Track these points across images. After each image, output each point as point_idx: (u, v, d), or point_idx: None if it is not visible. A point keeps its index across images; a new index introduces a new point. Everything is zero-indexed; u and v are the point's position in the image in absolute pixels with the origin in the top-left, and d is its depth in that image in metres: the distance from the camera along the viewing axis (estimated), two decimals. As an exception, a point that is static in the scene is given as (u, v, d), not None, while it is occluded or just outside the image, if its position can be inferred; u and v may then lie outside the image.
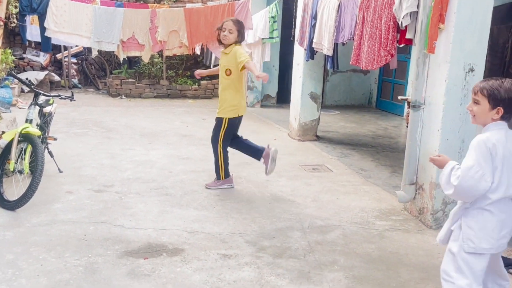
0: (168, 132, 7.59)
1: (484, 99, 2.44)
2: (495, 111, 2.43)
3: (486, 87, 2.44)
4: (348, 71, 11.11)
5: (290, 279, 3.18)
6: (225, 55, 4.80)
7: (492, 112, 2.44)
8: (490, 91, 2.42)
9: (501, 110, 2.42)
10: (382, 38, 4.90)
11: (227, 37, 4.72)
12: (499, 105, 2.42)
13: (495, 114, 2.44)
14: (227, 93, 4.82)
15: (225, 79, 4.81)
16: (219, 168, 4.93)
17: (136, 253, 3.46)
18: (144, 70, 11.65)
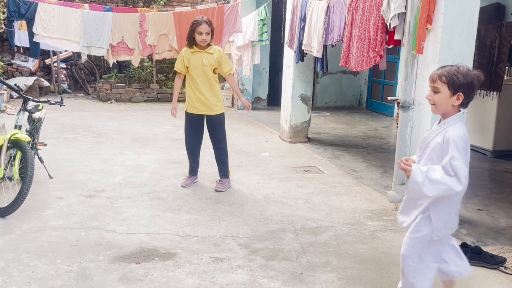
0: (159, 136, 7.57)
1: (444, 85, 2.42)
2: (455, 97, 2.42)
3: (444, 73, 2.43)
4: (338, 73, 11.17)
5: (283, 281, 3.19)
6: (210, 54, 4.85)
7: (452, 99, 2.42)
8: (449, 77, 2.41)
9: (461, 95, 2.41)
10: (371, 40, 4.93)
11: (205, 41, 4.78)
12: (459, 90, 2.40)
13: (456, 101, 2.42)
14: (215, 91, 4.94)
15: (211, 77, 4.88)
16: (228, 165, 5.12)
17: (128, 258, 3.44)
18: (134, 74, 11.62)
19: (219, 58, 4.86)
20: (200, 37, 4.75)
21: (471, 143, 6.83)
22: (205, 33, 4.74)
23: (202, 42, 4.77)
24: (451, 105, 2.45)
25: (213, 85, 4.91)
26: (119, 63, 11.83)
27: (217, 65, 4.89)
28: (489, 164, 6.43)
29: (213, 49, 4.88)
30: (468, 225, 4.30)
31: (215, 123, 5.01)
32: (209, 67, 4.84)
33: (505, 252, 3.70)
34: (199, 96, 4.88)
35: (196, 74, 4.86)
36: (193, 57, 4.85)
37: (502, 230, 4.21)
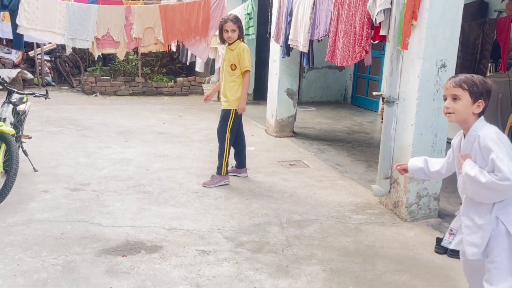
0: (145, 129, 7.55)
1: (466, 93, 2.35)
2: (476, 105, 2.36)
3: (465, 80, 2.37)
4: (323, 68, 11.21)
5: (269, 274, 3.22)
6: (231, 51, 4.96)
7: (473, 107, 2.36)
8: (471, 85, 2.35)
9: (482, 103, 2.36)
10: (356, 35, 4.97)
11: (232, 38, 4.91)
12: (480, 98, 2.35)
13: (476, 108, 2.36)
14: (232, 86, 4.99)
15: (229, 74, 4.99)
16: (223, 162, 5.01)
17: (114, 251, 3.45)
18: (119, 67, 11.54)
19: (238, 54, 4.91)
20: (226, 34, 4.91)
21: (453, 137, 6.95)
22: (231, 30, 4.87)
23: (228, 40, 4.94)
24: (471, 113, 2.39)
25: (228, 81, 5.00)
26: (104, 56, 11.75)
27: (238, 62, 4.93)
28: (471, 159, 6.52)
29: (236, 46, 4.95)
30: (451, 218, 4.35)
31: (221, 116, 5.09)
32: (227, 62, 4.98)
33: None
34: (221, 88, 5.12)
35: (222, 68, 5.12)
36: (223, 53, 5.14)
37: (483, 224, 4.29)
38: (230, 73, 4.98)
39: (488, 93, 2.38)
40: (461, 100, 2.38)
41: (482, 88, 2.36)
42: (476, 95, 2.36)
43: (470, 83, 2.36)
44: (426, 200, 4.31)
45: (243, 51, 4.92)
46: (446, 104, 2.43)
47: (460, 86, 2.37)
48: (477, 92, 2.36)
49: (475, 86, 2.36)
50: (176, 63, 12.34)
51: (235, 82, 4.99)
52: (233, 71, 4.97)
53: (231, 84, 5.00)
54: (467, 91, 2.36)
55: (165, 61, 12.22)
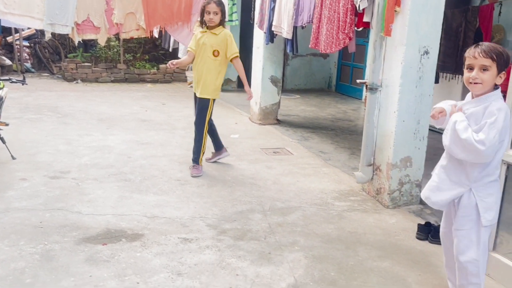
0: (127, 117, 7.45)
1: (494, 64, 2.34)
2: (499, 76, 2.37)
3: (495, 51, 2.35)
4: (308, 55, 11.18)
5: (251, 261, 3.21)
6: (214, 35, 4.76)
7: (497, 77, 2.37)
8: (499, 56, 2.34)
9: (505, 74, 2.36)
10: (340, 21, 4.94)
11: (213, 20, 4.71)
12: (504, 69, 2.36)
13: (499, 79, 2.37)
14: (212, 74, 4.80)
15: (210, 60, 4.78)
16: (201, 153, 4.90)
17: (95, 239, 3.40)
18: (100, 53, 11.35)
19: (224, 40, 4.74)
20: (208, 16, 4.70)
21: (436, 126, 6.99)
22: (213, 12, 4.68)
23: (210, 22, 4.72)
24: (493, 85, 2.40)
25: (208, 67, 4.78)
26: (85, 42, 11.54)
27: (223, 48, 4.76)
28: (453, 146, 6.57)
29: (219, 31, 4.77)
30: (432, 205, 4.41)
31: (198, 106, 4.88)
32: (208, 47, 4.74)
33: (466, 230, 3.81)
34: (195, 74, 4.88)
35: (198, 53, 4.82)
36: (201, 37, 4.82)
37: (464, 210, 4.33)
38: (212, 59, 4.77)
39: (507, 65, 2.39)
40: (489, 71, 2.36)
41: (507, 59, 2.37)
42: (501, 67, 2.36)
43: (498, 54, 2.35)
44: (408, 187, 4.33)
45: (230, 37, 4.78)
46: (474, 74, 2.39)
47: (490, 57, 2.35)
48: (503, 63, 2.36)
49: (502, 57, 2.35)
50: (159, 50, 12.18)
51: (216, 70, 4.80)
52: (215, 57, 4.77)
53: (212, 71, 4.78)
54: (495, 62, 2.35)
55: (148, 47, 12.05)
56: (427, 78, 4.16)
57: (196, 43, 4.83)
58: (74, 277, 2.89)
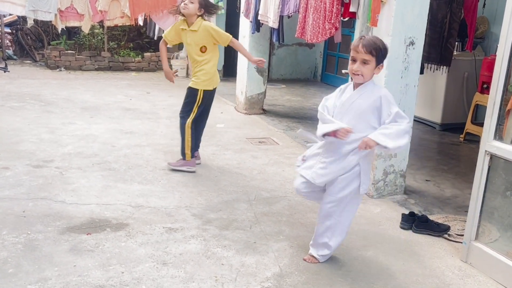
0: (111, 105, 7.37)
1: (373, 59, 2.67)
2: (377, 68, 2.71)
3: (373, 46, 2.66)
4: (293, 45, 11.14)
5: (236, 250, 3.21)
6: (193, 32, 4.46)
7: (376, 69, 2.72)
8: (376, 49, 2.66)
9: (382, 66, 2.71)
10: (326, 11, 4.93)
11: (187, 7, 4.36)
12: (382, 61, 2.69)
13: (377, 70, 2.71)
14: (204, 68, 4.57)
15: (199, 56, 4.54)
16: (185, 146, 4.63)
17: (79, 229, 3.37)
18: (84, 41, 11.18)
19: (207, 34, 4.46)
20: (182, 3, 4.40)
21: (421, 116, 7.06)
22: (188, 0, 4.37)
23: (183, 9, 4.38)
24: (372, 76, 2.76)
25: (199, 63, 4.55)
26: (68, 29, 11.34)
27: (209, 42, 4.49)
28: (437, 137, 6.65)
29: (198, 25, 4.45)
30: (416, 195, 4.46)
31: (187, 95, 4.69)
32: (194, 46, 4.51)
33: (449, 220, 3.87)
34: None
35: (188, 50, 4.64)
36: (183, 34, 4.56)
37: (447, 200, 4.39)
38: (200, 56, 4.53)
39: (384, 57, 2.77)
40: (369, 64, 2.70)
41: (385, 53, 2.74)
42: (380, 59, 2.72)
43: (377, 49, 2.68)
44: (392, 177, 4.36)
45: (212, 29, 4.46)
46: (355, 67, 2.71)
47: (369, 53, 2.66)
48: (381, 57, 2.72)
49: (380, 52, 2.70)
50: (143, 38, 12.04)
51: (205, 65, 4.55)
52: (203, 53, 4.52)
53: (202, 67, 4.56)
54: (375, 57, 2.70)
55: (132, 35, 11.90)
56: (412, 69, 4.17)
57: (175, 34, 4.61)
58: (58, 267, 2.87)
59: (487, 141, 3.06)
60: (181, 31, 4.56)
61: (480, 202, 3.15)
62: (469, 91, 6.78)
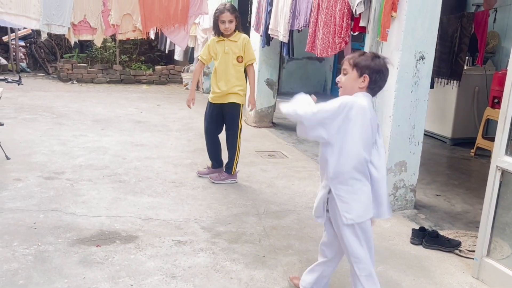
0: (122, 118, 7.43)
1: (350, 67, 2.47)
2: (362, 79, 2.44)
3: (352, 56, 2.50)
4: (303, 59, 11.18)
5: (245, 264, 3.20)
6: (233, 42, 4.62)
7: (359, 81, 2.45)
8: (355, 59, 2.47)
9: (367, 77, 2.43)
10: (336, 26, 4.95)
11: (229, 29, 4.57)
12: (365, 72, 2.43)
13: (362, 83, 2.45)
14: (238, 79, 4.67)
15: (236, 67, 4.65)
16: (235, 160, 4.81)
17: (88, 240, 3.38)
18: (96, 54, 11.33)
19: (243, 45, 4.62)
20: (223, 25, 4.55)
21: (431, 131, 7.03)
22: (228, 21, 4.53)
23: (225, 31, 4.57)
24: (357, 87, 2.46)
25: (233, 74, 4.64)
26: (81, 42, 11.50)
27: (244, 53, 4.64)
28: (447, 151, 6.61)
29: (238, 37, 4.64)
30: (426, 209, 4.43)
31: (230, 113, 4.76)
32: (231, 54, 4.61)
33: (460, 236, 3.83)
34: (217, 83, 4.69)
35: (218, 63, 4.67)
36: (218, 46, 4.66)
37: (458, 215, 4.35)
38: (238, 65, 4.65)
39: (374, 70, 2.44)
40: (348, 74, 2.50)
41: (367, 63, 2.45)
42: (361, 69, 2.45)
43: (355, 58, 2.48)
44: (402, 191, 4.34)
45: (248, 42, 4.67)
46: (337, 79, 2.56)
47: (348, 61, 2.50)
48: (362, 66, 2.45)
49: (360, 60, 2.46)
50: (154, 51, 12.17)
51: (239, 75, 4.68)
52: (240, 63, 4.65)
53: (236, 76, 4.66)
54: (352, 66, 2.48)
55: (144, 49, 12.04)
56: (422, 83, 4.17)
57: (209, 53, 4.73)
58: (68, 278, 2.88)
59: (499, 156, 3.04)
60: (217, 43, 4.68)
61: (492, 218, 3.12)
62: (479, 106, 6.75)
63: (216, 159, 4.94)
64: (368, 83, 2.44)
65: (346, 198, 2.47)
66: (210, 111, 4.83)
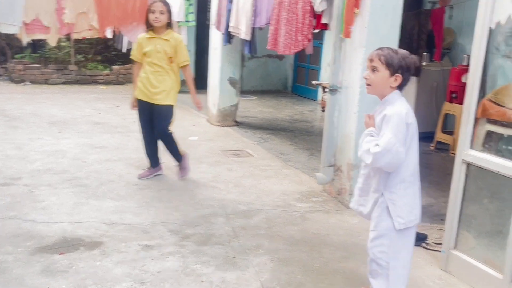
0: (79, 120, 7.20)
1: (382, 65, 2.43)
2: (393, 79, 2.44)
3: (383, 54, 2.44)
4: (263, 57, 11.18)
5: (216, 266, 3.14)
6: (164, 41, 4.40)
7: (391, 80, 2.44)
8: (387, 57, 2.42)
9: (399, 77, 2.43)
10: (298, 23, 4.94)
11: (159, 19, 4.34)
12: (397, 72, 2.43)
13: (394, 82, 2.44)
14: (169, 79, 4.50)
15: (167, 65, 4.46)
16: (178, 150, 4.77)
17: (51, 248, 3.23)
18: (50, 54, 10.94)
19: (175, 46, 4.42)
20: (153, 15, 4.32)
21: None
22: (159, 11, 4.31)
23: (155, 22, 4.34)
24: (388, 87, 2.47)
25: (163, 73, 4.46)
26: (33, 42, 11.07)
27: (174, 54, 4.46)
28: (408, 146, 6.73)
29: (169, 35, 4.43)
30: (392, 204, 4.47)
31: (161, 114, 4.56)
32: (163, 54, 4.41)
33: (426, 229, 3.89)
34: (147, 82, 4.45)
35: (150, 60, 4.43)
36: (149, 43, 4.42)
37: (423, 209, 4.34)
38: (167, 65, 4.46)
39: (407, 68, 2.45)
40: (379, 72, 2.45)
41: (401, 62, 2.44)
42: (393, 69, 2.43)
43: (388, 56, 2.43)
44: (369, 187, 4.36)
45: (181, 43, 4.49)
46: (365, 74, 2.51)
47: (379, 58, 2.44)
48: (395, 65, 2.43)
49: (394, 59, 2.43)
50: (111, 51, 11.86)
51: (169, 75, 4.50)
52: (171, 64, 4.48)
53: (166, 77, 4.48)
54: (384, 64, 2.43)
55: (100, 48, 11.71)
56: (386, 80, 4.20)
57: (140, 51, 4.49)
58: (30, 290, 2.74)
59: (464, 149, 3.10)
60: (147, 40, 4.45)
61: (458, 211, 3.17)
62: (438, 101, 6.91)
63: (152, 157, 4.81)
64: (400, 82, 2.44)
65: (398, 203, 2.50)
66: (139, 109, 4.65)
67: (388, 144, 2.35)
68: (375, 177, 2.57)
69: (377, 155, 2.37)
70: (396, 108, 2.43)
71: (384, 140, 2.36)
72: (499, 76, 3.05)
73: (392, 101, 2.48)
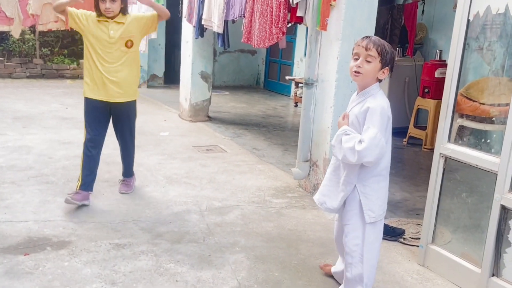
0: (46, 114, 6.94)
1: (378, 57, 2.37)
2: (382, 72, 2.41)
3: (380, 44, 2.39)
4: (236, 51, 11.07)
5: (191, 265, 3.03)
6: (119, 24, 3.76)
7: (379, 72, 2.41)
8: (383, 49, 2.38)
9: (387, 70, 2.41)
10: (273, 16, 4.85)
11: (110, 10, 3.67)
12: (387, 65, 2.40)
13: (382, 74, 2.41)
14: (130, 70, 3.90)
15: (123, 53, 3.81)
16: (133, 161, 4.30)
17: (15, 249, 3.06)
18: (14, 47, 10.53)
19: (132, 21, 3.82)
20: (104, 5, 3.66)
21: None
22: (109, 0, 3.65)
23: (106, 13, 3.68)
24: (375, 79, 2.43)
25: (123, 63, 3.83)
26: (-4, 34, 10.67)
27: (137, 34, 3.87)
28: (381, 141, 6.74)
29: (124, 19, 3.79)
30: (367, 199, 4.44)
31: (125, 112, 4.03)
32: (118, 40, 3.77)
33: (402, 224, 3.87)
34: (101, 77, 3.84)
35: (101, 49, 3.79)
36: (98, 27, 3.76)
37: (398, 204, 4.41)
38: (126, 52, 3.81)
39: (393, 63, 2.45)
40: (372, 63, 2.39)
41: (391, 56, 2.43)
42: (385, 62, 2.40)
43: (384, 49, 2.39)
44: (344, 182, 4.32)
45: (137, 15, 3.95)
46: (359, 63, 2.41)
47: (376, 49, 2.38)
48: (387, 59, 2.40)
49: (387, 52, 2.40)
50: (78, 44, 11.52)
51: (130, 65, 3.87)
52: (128, 49, 3.82)
53: (130, 67, 3.88)
54: (380, 57, 2.38)
55: (66, 42, 11.35)
56: (362, 73, 4.16)
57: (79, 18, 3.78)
58: (-8, 294, 2.57)
59: (442, 143, 3.07)
60: (97, 24, 3.76)
61: (436, 205, 3.15)
62: (410, 96, 6.95)
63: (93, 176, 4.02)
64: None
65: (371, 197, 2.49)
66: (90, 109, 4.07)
67: (375, 139, 2.31)
68: (345, 169, 2.53)
69: (364, 151, 2.31)
70: (379, 101, 2.39)
71: (369, 136, 2.31)
72: (471, 70, 3.04)
73: (373, 93, 2.45)
